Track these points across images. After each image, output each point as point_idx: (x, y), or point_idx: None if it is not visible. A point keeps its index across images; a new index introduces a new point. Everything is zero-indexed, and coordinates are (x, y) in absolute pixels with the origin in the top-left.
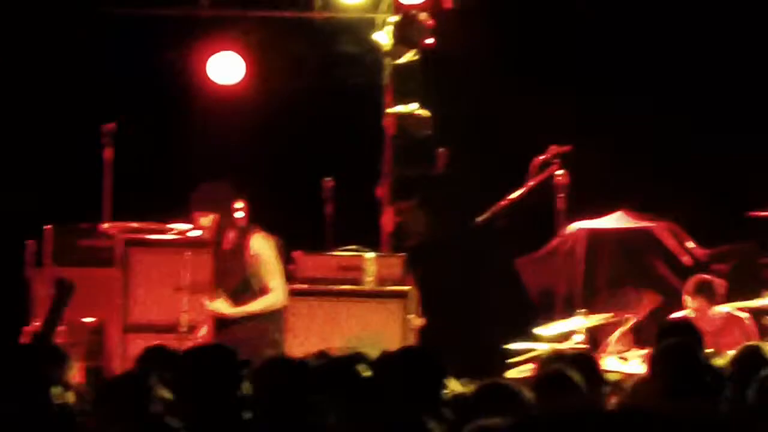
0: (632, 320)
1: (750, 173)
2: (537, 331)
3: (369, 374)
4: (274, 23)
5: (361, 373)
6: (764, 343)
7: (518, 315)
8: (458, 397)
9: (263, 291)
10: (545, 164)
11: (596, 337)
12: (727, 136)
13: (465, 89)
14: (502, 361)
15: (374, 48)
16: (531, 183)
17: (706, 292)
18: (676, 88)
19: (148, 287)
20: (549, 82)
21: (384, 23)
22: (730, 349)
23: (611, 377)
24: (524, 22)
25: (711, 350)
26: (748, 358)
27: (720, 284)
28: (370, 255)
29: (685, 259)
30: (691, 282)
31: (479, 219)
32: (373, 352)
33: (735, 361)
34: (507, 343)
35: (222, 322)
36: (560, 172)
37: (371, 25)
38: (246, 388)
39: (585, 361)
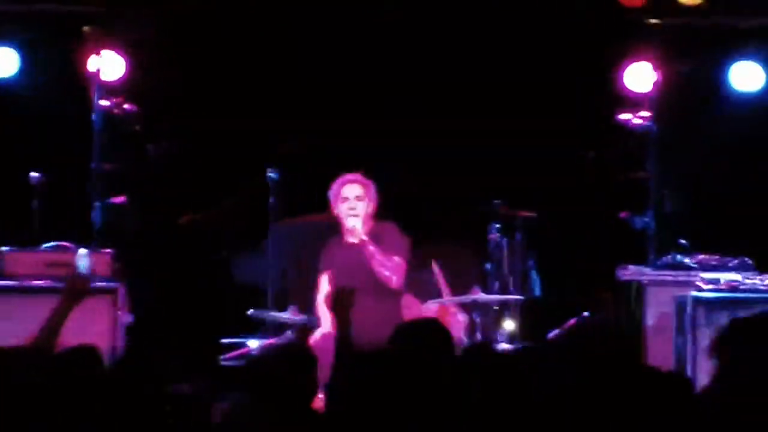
0: None
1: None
2: (251, 314)
3: None
4: None
5: None
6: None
7: (231, 310)
8: None
9: None
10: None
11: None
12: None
13: (177, 82)
14: (215, 356)
15: None
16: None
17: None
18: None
19: None
20: (267, 77)
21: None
22: None
23: None
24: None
25: None
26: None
27: (438, 274)
28: (82, 251)
29: None
30: None
31: (190, 216)
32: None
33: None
34: (220, 338)
35: None
36: (273, 172)
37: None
38: None
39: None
